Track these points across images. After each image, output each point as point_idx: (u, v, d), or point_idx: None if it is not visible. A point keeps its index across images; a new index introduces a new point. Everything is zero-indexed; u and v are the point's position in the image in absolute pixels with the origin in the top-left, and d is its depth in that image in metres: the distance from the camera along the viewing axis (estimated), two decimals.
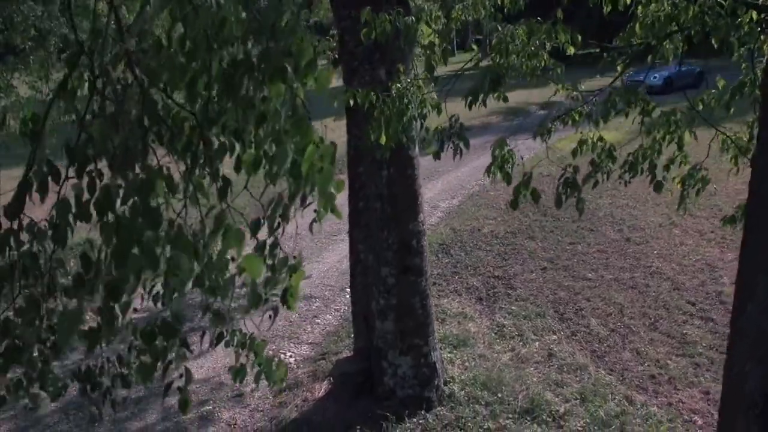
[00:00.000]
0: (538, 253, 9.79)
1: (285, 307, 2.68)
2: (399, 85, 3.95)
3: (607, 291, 8.44)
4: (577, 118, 4.53)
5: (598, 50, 5.19)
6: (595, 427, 5.60)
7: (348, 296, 8.80)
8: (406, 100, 3.82)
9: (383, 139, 3.95)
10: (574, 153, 4.59)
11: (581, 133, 4.72)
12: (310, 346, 7.58)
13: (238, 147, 2.37)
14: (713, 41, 4.14)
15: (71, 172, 2.30)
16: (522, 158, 4.80)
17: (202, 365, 7.28)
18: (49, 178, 2.25)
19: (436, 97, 4.70)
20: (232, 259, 2.37)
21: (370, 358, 6.04)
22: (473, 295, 8.60)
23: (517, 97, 25.10)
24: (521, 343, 7.19)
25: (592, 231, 10.57)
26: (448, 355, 6.67)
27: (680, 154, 4.70)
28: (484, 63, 4.88)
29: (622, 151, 14.83)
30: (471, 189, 13.67)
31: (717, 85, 4.70)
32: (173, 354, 2.55)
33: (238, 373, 2.60)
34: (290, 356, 7.41)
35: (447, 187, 13.87)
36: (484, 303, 8.37)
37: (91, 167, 2.26)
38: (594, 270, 9.10)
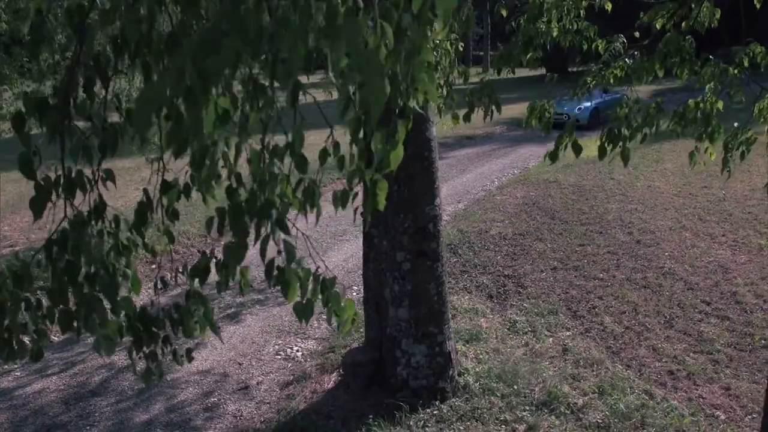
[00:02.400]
0: (548, 253, 9.63)
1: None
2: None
3: (619, 290, 8.28)
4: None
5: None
6: (616, 420, 5.42)
7: (355, 293, 8.64)
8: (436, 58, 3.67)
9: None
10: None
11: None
12: (317, 341, 7.40)
13: None
14: None
15: None
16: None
17: (206, 358, 7.10)
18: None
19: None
20: None
21: (381, 348, 5.86)
22: (483, 292, 8.43)
23: (521, 108, 25.06)
24: (534, 338, 7.02)
25: (601, 233, 10.42)
26: (462, 348, 6.49)
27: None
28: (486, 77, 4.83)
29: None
30: (477, 194, 13.53)
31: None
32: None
33: (303, 310, 2.41)
34: (297, 350, 7.22)
35: (452, 192, 13.72)
36: (495, 300, 8.21)
37: None
38: (605, 270, 8.94)
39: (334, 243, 10.83)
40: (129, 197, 14.00)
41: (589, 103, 21.25)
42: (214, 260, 2.47)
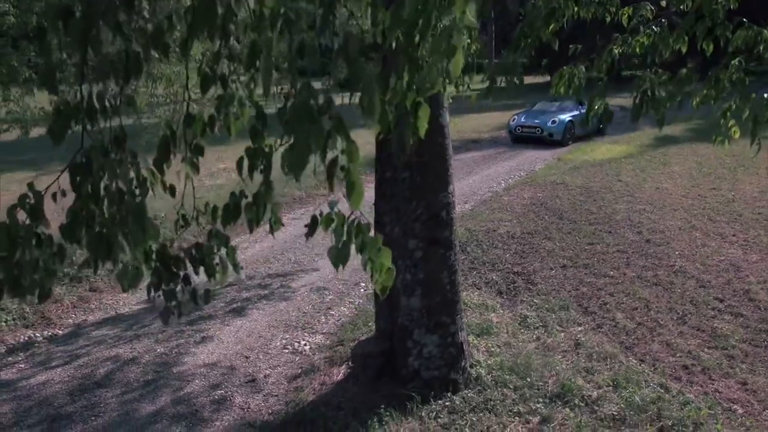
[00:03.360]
0: (557, 252, 9.54)
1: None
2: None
3: (630, 287, 8.18)
4: None
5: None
6: (631, 412, 5.31)
7: (363, 290, 8.55)
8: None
9: None
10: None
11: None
12: (324, 336, 7.30)
13: None
14: None
15: None
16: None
17: (212, 351, 7.00)
18: None
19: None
20: None
21: (392, 338, 5.75)
22: (493, 289, 8.33)
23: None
24: (546, 333, 6.92)
25: (610, 233, 10.32)
26: (473, 341, 6.39)
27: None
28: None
29: (635, 161, 14.62)
30: (483, 195, 13.45)
31: None
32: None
33: (339, 255, 2.32)
34: (305, 344, 7.13)
35: (459, 194, 13.61)
36: (505, 296, 8.11)
37: None
38: (615, 268, 8.84)
39: None
40: None
41: (564, 116, 19.67)
42: (244, 199, 2.37)
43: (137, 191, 2.30)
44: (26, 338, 7.59)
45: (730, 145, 5.33)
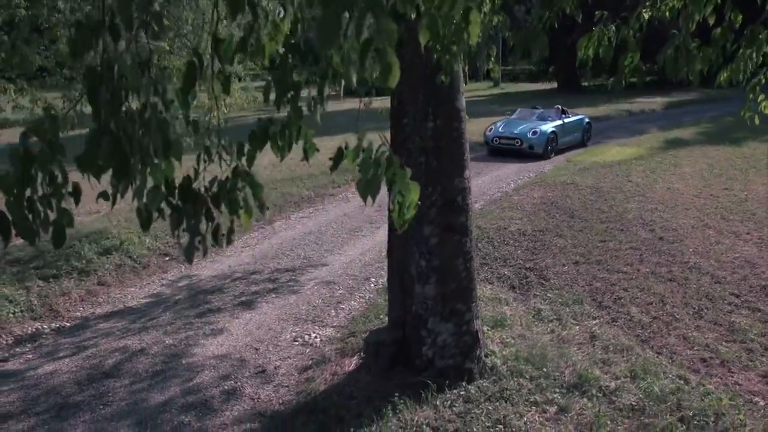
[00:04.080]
0: (569, 249, 9.43)
1: None
2: None
3: (644, 282, 8.06)
4: None
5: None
6: (650, 402, 5.19)
7: (372, 285, 8.46)
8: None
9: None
10: None
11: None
12: (335, 329, 7.20)
13: None
14: None
15: None
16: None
17: (222, 343, 6.91)
18: None
19: None
20: None
21: (405, 327, 5.65)
22: (505, 283, 8.23)
23: None
24: (560, 326, 6.81)
25: (623, 231, 10.21)
26: (486, 332, 6.29)
27: None
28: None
29: (645, 163, 14.50)
30: (493, 195, 13.35)
31: None
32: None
33: (368, 186, 2.22)
34: (315, 337, 7.03)
35: None
36: (518, 291, 8.01)
37: None
38: (629, 264, 8.73)
39: (350, 238, 10.65)
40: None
41: (546, 127, 17.79)
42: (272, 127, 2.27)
43: (161, 107, 2.18)
44: (33, 330, 7.51)
45: (759, 122, 5.22)
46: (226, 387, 6.05)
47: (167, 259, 9.87)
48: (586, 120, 19.67)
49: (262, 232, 11.37)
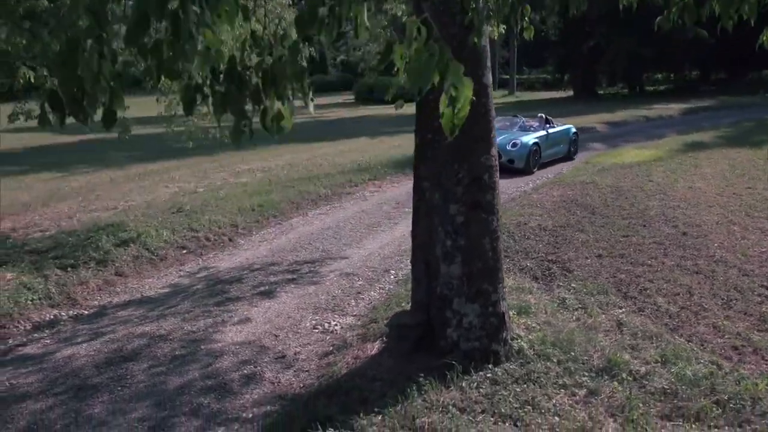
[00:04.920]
0: (591, 243, 9.28)
1: None
2: None
3: (670, 275, 7.91)
4: None
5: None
6: (683, 386, 5.03)
7: (392, 276, 8.35)
8: None
9: None
10: None
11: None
12: (355, 318, 7.09)
13: None
14: None
15: None
16: None
17: (241, 330, 6.82)
18: None
19: None
20: None
21: (429, 310, 5.53)
22: (528, 274, 8.10)
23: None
24: (586, 314, 6.67)
25: (645, 227, 10.05)
26: (512, 316, 6.15)
27: None
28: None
29: (665, 164, 14.32)
30: (512, 194, 13.21)
31: None
32: None
33: (420, 76, 2.11)
34: (335, 324, 6.92)
35: None
36: (541, 281, 7.87)
37: None
38: (653, 258, 8.57)
39: (368, 233, 10.56)
40: (158, 193, 13.91)
41: (527, 138, 15.76)
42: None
43: None
44: (51, 317, 7.45)
45: None
46: (245, 371, 5.95)
47: (184, 252, 9.80)
48: (573, 130, 17.77)
49: (279, 227, 11.30)
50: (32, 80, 7.79)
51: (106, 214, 11.72)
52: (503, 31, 8.89)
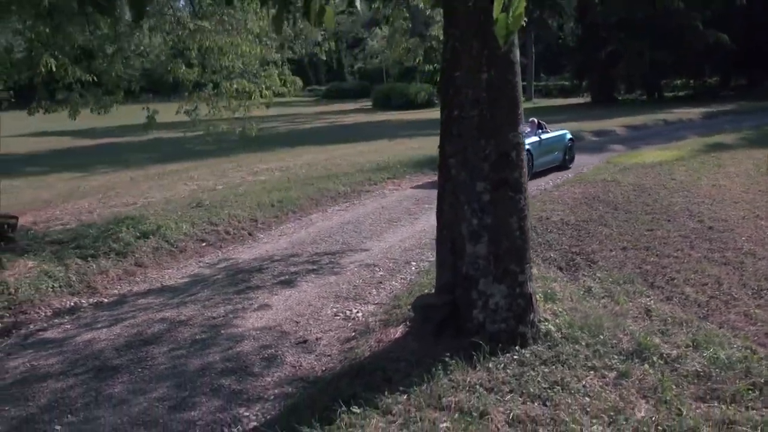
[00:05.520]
0: (615, 237, 9.13)
1: None
2: None
3: (697, 266, 7.75)
4: None
5: None
6: (717, 370, 4.88)
7: (414, 267, 8.25)
8: None
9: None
10: None
11: None
12: (377, 306, 6.99)
13: None
14: None
15: None
16: None
17: (261, 317, 6.75)
18: None
19: None
20: None
21: (455, 292, 5.41)
22: (552, 265, 7.97)
23: (570, 126, 24.69)
24: (613, 302, 6.53)
25: (669, 221, 9.89)
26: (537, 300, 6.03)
27: None
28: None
29: (687, 163, 14.13)
30: (532, 192, 12.96)
31: None
32: None
33: None
34: (357, 312, 6.83)
35: None
36: (565, 272, 7.74)
37: None
38: (679, 250, 8.41)
39: (389, 227, 10.48)
40: (178, 190, 13.92)
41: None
42: None
43: None
44: (72, 304, 7.42)
45: None
46: (266, 355, 5.87)
47: (204, 244, 9.77)
48: (569, 136, 16.40)
49: (298, 222, 11.25)
50: (54, 68, 7.78)
51: (126, 210, 11.72)
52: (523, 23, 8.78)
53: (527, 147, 13.04)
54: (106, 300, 7.58)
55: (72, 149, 24.70)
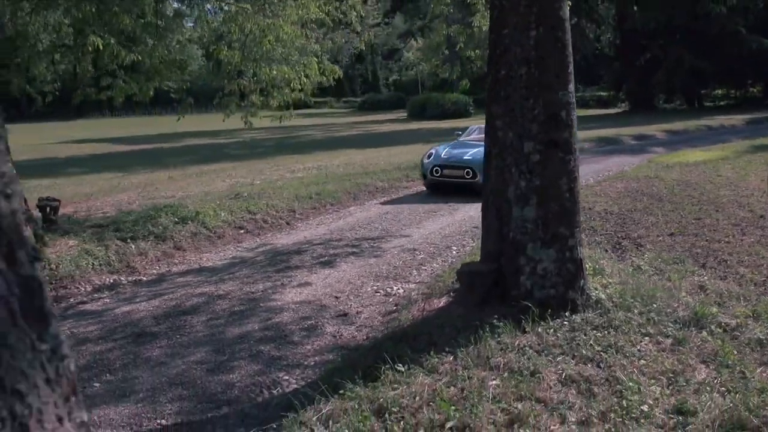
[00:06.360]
0: (661, 224, 8.84)
1: None
2: None
3: (751, 249, 7.43)
4: None
5: None
6: None
7: (455, 251, 8.08)
8: None
9: None
10: None
11: None
12: (418, 285, 6.83)
13: None
14: None
15: None
16: None
17: (301, 292, 6.65)
18: None
19: None
20: None
21: (501, 260, 5.24)
22: (599, 247, 7.72)
23: (604, 133, 24.36)
24: (664, 279, 6.28)
25: (718, 211, 9.56)
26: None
27: None
28: None
29: (732, 162, 13.68)
30: None
31: None
32: None
33: None
34: (398, 289, 6.69)
35: None
36: (611, 253, 7.49)
37: None
38: (730, 236, 8.09)
39: (428, 217, 10.33)
40: (216, 185, 13.95)
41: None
42: None
43: None
44: (111, 281, 7.41)
45: None
46: (305, 325, 5.77)
47: (242, 231, 9.72)
48: None
49: (336, 214, 11.16)
50: (100, 47, 7.81)
51: (164, 201, 11.75)
52: None
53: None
54: (144, 278, 7.55)
55: (112, 153, 25.04)
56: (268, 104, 10.35)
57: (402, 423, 3.58)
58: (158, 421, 4.18)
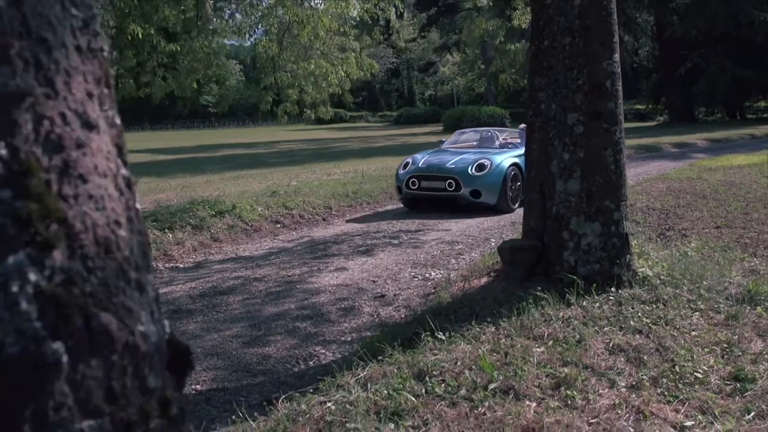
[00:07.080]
0: (706, 218, 8.58)
1: None
2: None
3: None
4: None
5: None
6: None
7: (494, 243, 7.94)
8: None
9: None
10: None
11: None
12: (456, 272, 6.70)
13: None
14: None
15: None
16: None
17: (338, 276, 6.57)
18: None
19: None
20: None
21: (544, 236, 5.10)
22: (642, 237, 7.51)
23: (644, 141, 23.86)
24: (713, 263, 6.06)
25: (766, 207, 9.26)
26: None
27: None
28: None
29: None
30: None
31: None
32: None
33: None
34: (436, 275, 6.57)
35: None
36: (654, 242, 7.27)
37: None
38: None
39: (466, 213, 10.18)
40: (253, 186, 14.01)
41: (501, 158, 10.53)
42: None
43: None
44: None
45: None
46: (343, 305, 5.69)
47: (279, 226, 9.70)
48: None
49: (373, 211, 11.08)
50: (140, 35, 7.89)
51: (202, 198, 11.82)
52: None
53: (516, 161, 10.50)
54: (181, 266, 7.55)
55: (151, 162, 25.36)
56: (303, 100, 10.37)
57: (443, 385, 3.46)
58: (194, 387, 4.12)
